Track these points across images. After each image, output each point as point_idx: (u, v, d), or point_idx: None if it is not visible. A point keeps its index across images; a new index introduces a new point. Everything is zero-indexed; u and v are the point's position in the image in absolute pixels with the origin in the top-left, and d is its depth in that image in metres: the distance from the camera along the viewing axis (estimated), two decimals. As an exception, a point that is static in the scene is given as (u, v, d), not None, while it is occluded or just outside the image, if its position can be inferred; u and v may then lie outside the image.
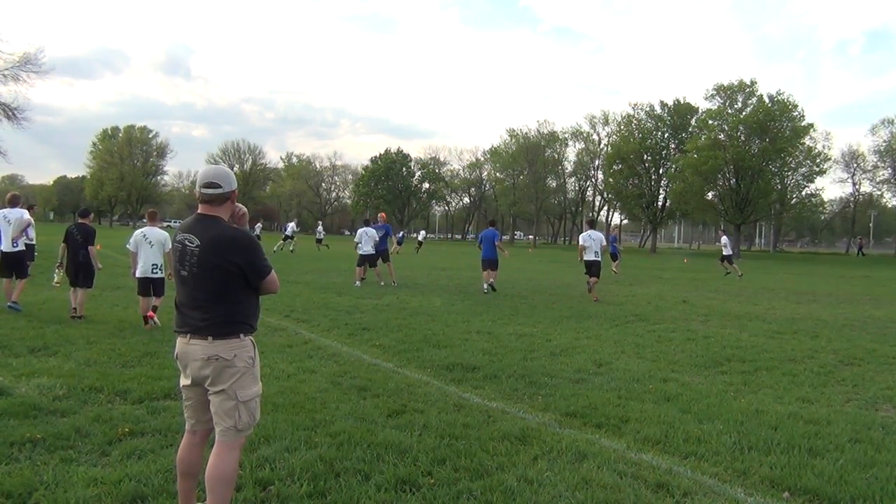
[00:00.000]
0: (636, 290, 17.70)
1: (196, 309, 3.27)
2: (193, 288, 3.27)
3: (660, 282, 21.35)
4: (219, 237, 3.25)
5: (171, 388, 5.73)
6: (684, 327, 10.66)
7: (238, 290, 3.29)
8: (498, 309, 12.35)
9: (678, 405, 5.83)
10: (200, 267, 3.24)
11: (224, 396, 3.26)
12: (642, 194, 64.20)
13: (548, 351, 8.21)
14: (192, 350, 3.28)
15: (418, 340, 8.63)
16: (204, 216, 3.32)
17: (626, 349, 8.55)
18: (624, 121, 67.67)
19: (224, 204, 3.34)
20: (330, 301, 12.72)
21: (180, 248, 3.29)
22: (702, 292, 17.61)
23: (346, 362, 7.18)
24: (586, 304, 13.72)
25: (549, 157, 79.60)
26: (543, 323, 10.68)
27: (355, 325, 9.80)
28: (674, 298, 15.50)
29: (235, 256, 3.24)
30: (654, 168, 65.41)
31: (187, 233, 3.30)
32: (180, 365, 3.37)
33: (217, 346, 3.24)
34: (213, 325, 3.25)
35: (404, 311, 11.53)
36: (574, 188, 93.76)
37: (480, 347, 8.27)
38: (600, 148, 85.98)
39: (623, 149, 62.78)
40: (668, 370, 7.33)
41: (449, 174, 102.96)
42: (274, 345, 7.96)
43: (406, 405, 5.55)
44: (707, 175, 54.13)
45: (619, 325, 10.76)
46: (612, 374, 6.99)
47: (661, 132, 65.08)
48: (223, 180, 3.33)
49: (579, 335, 9.58)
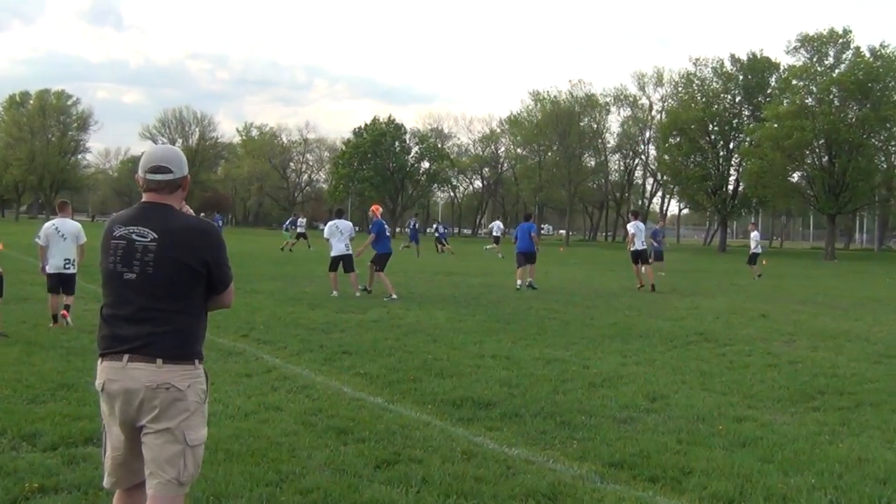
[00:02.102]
0: (700, 300, 17.67)
1: (142, 322, 3.25)
2: (143, 294, 3.27)
3: (731, 290, 21.31)
4: (184, 228, 3.33)
5: (93, 430, 5.70)
6: (763, 349, 10.61)
7: (198, 299, 3.37)
8: (520, 326, 12.32)
9: (757, 452, 5.78)
10: (157, 265, 3.26)
11: (168, 438, 3.22)
12: (707, 175, 64.10)
13: (585, 381, 8.16)
14: (131, 376, 3.22)
15: (415, 367, 8.59)
16: (154, 204, 3.38)
17: (688, 378, 8.50)
18: (683, 80, 67.62)
19: (175, 192, 3.42)
20: (300, 316, 12.71)
21: (125, 245, 3.30)
22: (786, 304, 17.58)
23: (321, 396, 7.15)
24: (635, 318, 13.69)
25: (585, 127, 79.58)
26: (579, 344, 10.64)
27: (333, 347, 9.78)
28: (750, 312, 15.46)
29: (205, 253, 3.33)
30: (722, 142, 65.35)
31: (134, 225, 3.32)
32: (106, 398, 3.31)
33: (168, 373, 3.22)
34: (164, 344, 3.24)
35: (397, 329, 11.50)
36: (618, 168, 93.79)
37: (497, 377, 8.23)
38: (652, 116, 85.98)
39: (682, 117, 62.70)
40: (742, 406, 7.29)
41: (456, 150, 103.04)
42: (227, 373, 7.94)
43: (399, 453, 5.52)
44: (791, 151, 53.96)
45: (678, 346, 10.72)
46: (669, 412, 6.95)
47: (731, 95, 65.02)
48: (174, 164, 3.43)
49: (626, 360, 9.53)
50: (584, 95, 79.59)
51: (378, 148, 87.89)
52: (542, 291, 18.60)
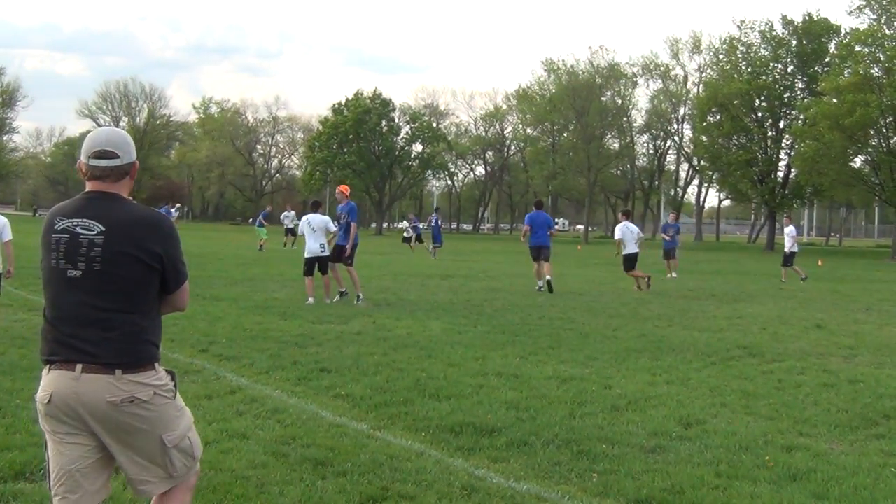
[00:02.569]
0: (743, 308, 17.71)
1: (91, 325, 3.38)
2: (90, 293, 3.39)
3: (780, 295, 21.34)
4: (133, 219, 3.46)
5: (25, 462, 5.74)
6: (818, 366, 10.61)
7: (152, 297, 3.53)
8: (530, 338, 12.34)
9: (810, 487, 5.81)
10: (106, 261, 3.38)
11: (143, 449, 3.46)
12: (752, 160, 64.23)
13: (607, 404, 8.17)
14: (87, 388, 3.34)
15: (406, 388, 8.60)
16: (101, 194, 3.50)
17: (729, 400, 8.49)
18: (724, 47, 67.81)
19: (122, 179, 3.56)
20: (270, 328, 12.72)
21: (68, 239, 3.42)
22: (845, 312, 17.62)
23: (294, 422, 7.16)
24: (667, 329, 13.71)
25: (607, 103, 79.74)
26: (600, 360, 10.65)
27: (309, 364, 9.78)
28: (802, 321, 15.48)
29: (157, 245, 3.47)
30: (770, 120, 65.50)
31: (78, 217, 3.44)
32: (55, 412, 3.40)
33: (130, 384, 3.38)
34: (119, 349, 3.38)
35: (385, 343, 11.51)
36: (647, 151, 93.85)
37: (503, 399, 8.24)
38: (687, 89, 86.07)
39: (723, 90, 62.84)
40: (793, 432, 7.29)
41: (454, 130, 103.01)
42: (183, 395, 7.87)
43: (388, 488, 5.54)
44: (853, 130, 54.03)
45: (716, 362, 10.72)
46: (706, 440, 6.96)
47: (782, 65, 65.13)
48: (121, 148, 3.55)
49: (656, 378, 9.53)
50: (607, 65, 79.74)
51: (361, 128, 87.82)
52: (556, 297, 18.63)
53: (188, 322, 12.54)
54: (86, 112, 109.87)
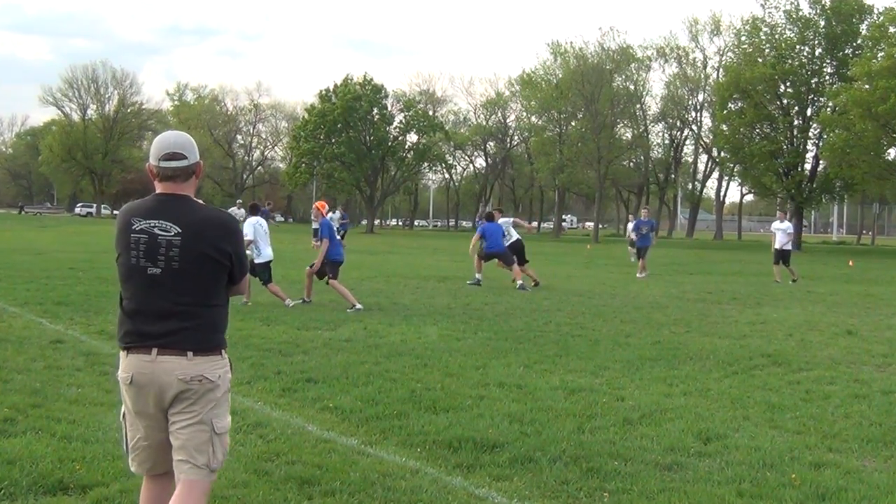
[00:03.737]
0: (768, 313, 17.75)
1: (170, 316, 4.09)
2: (172, 289, 4.09)
3: (808, 299, 21.37)
4: (206, 221, 4.16)
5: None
6: (849, 376, 10.63)
7: (222, 290, 4.27)
8: (535, 345, 12.36)
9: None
10: (184, 260, 4.08)
11: (198, 427, 4.13)
12: (777, 151, 64.29)
13: (619, 417, 8.19)
14: (162, 369, 4.07)
15: (400, 399, 8.62)
16: (172, 196, 4.17)
17: (752, 413, 8.52)
18: (747, 28, 67.76)
19: (189, 179, 4.22)
20: (251, 334, 12.74)
21: (147, 239, 4.08)
22: (878, 317, 17.66)
23: (278, 437, 7.18)
24: (684, 335, 13.73)
25: (619, 89, 79.70)
26: (612, 369, 10.68)
27: (294, 374, 9.80)
28: (831, 327, 15.51)
29: (227, 244, 4.19)
30: (797, 108, 65.52)
31: (155, 218, 4.10)
32: (134, 391, 4.14)
33: (200, 365, 4.12)
34: (194, 337, 4.12)
35: (376, 351, 11.54)
36: (662, 141, 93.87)
37: (505, 411, 8.26)
38: (706, 74, 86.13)
39: (745, 75, 62.83)
40: (822, 448, 7.32)
41: (452, 119, 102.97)
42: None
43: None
44: (887, 119, 54.09)
45: (738, 371, 10.75)
46: (727, 456, 6.98)
47: (809, 47, 65.12)
48: (187, 149, 4.19)
49: (672, 389, 9.56)
50: (618, 48, 79.73)
51: (351, 116, 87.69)
52: (564, 300, 18.64)
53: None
54: (50, 99, 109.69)
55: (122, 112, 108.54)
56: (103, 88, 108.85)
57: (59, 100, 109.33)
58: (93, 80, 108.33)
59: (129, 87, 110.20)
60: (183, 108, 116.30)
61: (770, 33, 65.11)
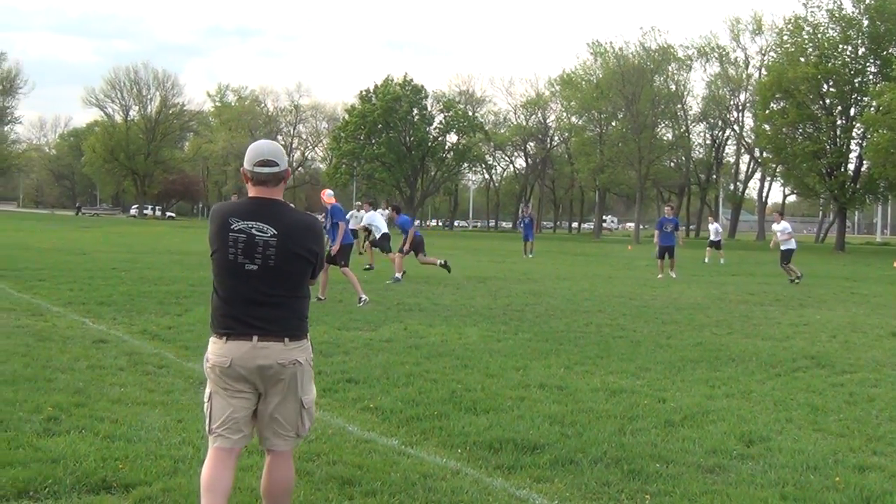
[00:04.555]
0: (811, 314, 17.61)
1: (265, 306, 4.69)
2: (267, 283, 4.68)
3: (851, 300, 21.21)
4: (298, 223, 4.78)
5: (29, 479, 5.80)
6: (894, 378, 10.55)
7: (306, 282, 4.88)
8: (576, 346, 12.33)
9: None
10: (279, 259, 4.66)
11: (291, 403, 4.80)
12: (820, 151, 63.70)
13: (661, 419, 8.17)
14: (262, 354, 4.65)
15: (440, 400, 8.64)
16: (268, 200, 4.74)
17: (795, 415, 8.47)
18: (789, 27, 67.21)
19: (279, 184, 4.79)
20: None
21: (245, 238, 4.64)
22: (925, 318, 17.41)
23: (319, 437, 7.21)
24: (726, 337, 13.66)
25: (660, 89, 79.36)
26: (653, 370, 10.65)
27: (335, 374, 9.84)
28: (876, 329, 15.39)
29: (314, 245, 4.81)
30: (840, 107, 64.89)
31: (252, 220, 4.67)
32: (231, 373, 4.68)
33: (295, 351, 4.75)
34: (289, 325, 4.75)
35: (417, 351, 11.56)
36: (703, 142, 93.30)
37: (546, 412, 8.26)
38: (748, 73, 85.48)
39: (787, 74, 62.35)
40: (866, 451, 7.27)
41: (491, 119, 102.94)
42: (199, 407, 7.98)
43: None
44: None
45: (781, 374, 10.69)
46: (770, 458, 6.94)
47: (852, 47, 64.50)
48: (278, 157, 4.78)
49: (714, 391, 9.52)
50: (659, 47, 79.42)
51: (391, 117, 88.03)
52: (605, 302, 18.59)
53: (204, 328, 12.61)
54: (93, 100, 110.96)
55: (164, 113, 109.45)
56: (145, 89, 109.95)
57: (102, 101, 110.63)
58: (135, 81, 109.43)
59: (171, 89, 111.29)
60: (224, 110, 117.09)
61: (812, 33, 64.52)
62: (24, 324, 12.60)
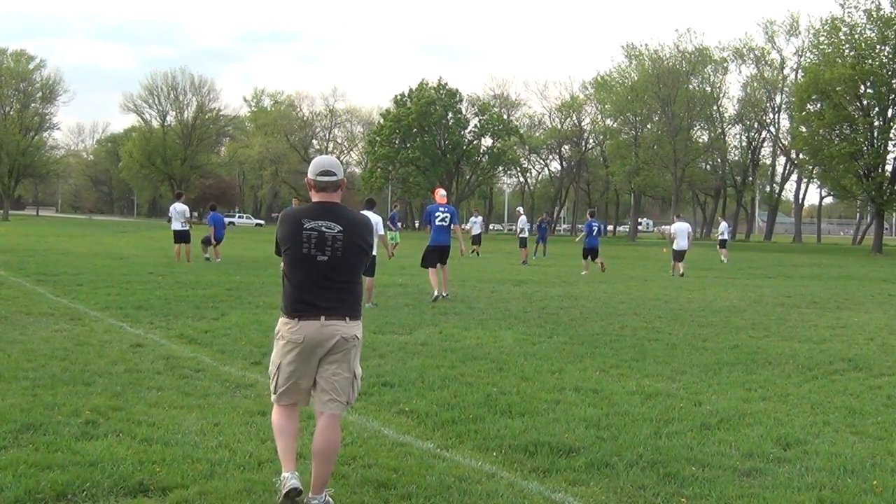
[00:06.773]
0: (848, 317, 17.48)
1: (332, 290, 5.61)
2: (334, 271, 5.61)
3: (889, 303, 21.08)
4: (357, 220, 5.77)
5: (67, 482, 5.85)
6: (935, 382, 10.44)
7: (361, 272, 5.87)
8: (611, 350, 12.31)
9: (927, 518, 5.71)
10: (345, 250, 5.62)
11: (345, 373, 5.65)
12: (858, 153, 63.10)
13: (697, 421, 8.16)
14: (329, 331, 5.56)
15: (476, 403, 8.65)
16: (331, 203, 5.69)
17: (833, 418, 8.44)
18: (826, 28, 66.65)
19: (337, 191, 5.75)
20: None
21: (317, 235, 5.58)
22: (966, 321, 17.22)
23: (354, 440, 7.24)
24: (762, 340, 13.58)
25: (695, 91, 79.06)
26: (689, 373, 10.62)
27: (370, 377, 9.82)
28: (916, 332, 15.21)
29: (370, 237, 5.82)
30: (877, 108, 64.21)
31: (321, 220, 5.61)
32: (302, 348, 5.57)
33: (354, 328, 5.68)
34: (350, 306, 5.67)
35: (452, 354, 11.58)
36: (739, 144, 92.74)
37: (581, 416, 8.25)
38: (784, 75, 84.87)
39: (824, 76, 61.83)
40: (907, 456, 7.20)
41: (526, 123, 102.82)
42: (234, 411, 8.06)
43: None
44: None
45: (818, 377, 10.64)
46: (807, 462, 6.91)
47: (890, 47, 63.82)
48: (336, 168, 5.76)
49: (751, 394, 9.49)
50: (695, 49, 79.14)
51: (426, 121, 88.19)
52: (640, 305, 18.52)
53: (240, 332, 12.73)
54: (131, 106, 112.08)
55: (201, 118, 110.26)
56: (182, 95, 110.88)
57: (140, 106, 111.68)
58: (172, 87, 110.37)
59: (207, 94, 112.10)
60: (260, 114, 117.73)
61: (850, 33, 63.91)
62: (62, 328, 12.73)
